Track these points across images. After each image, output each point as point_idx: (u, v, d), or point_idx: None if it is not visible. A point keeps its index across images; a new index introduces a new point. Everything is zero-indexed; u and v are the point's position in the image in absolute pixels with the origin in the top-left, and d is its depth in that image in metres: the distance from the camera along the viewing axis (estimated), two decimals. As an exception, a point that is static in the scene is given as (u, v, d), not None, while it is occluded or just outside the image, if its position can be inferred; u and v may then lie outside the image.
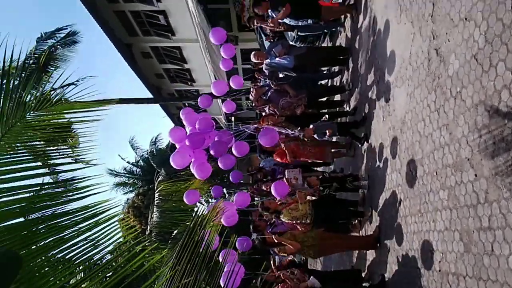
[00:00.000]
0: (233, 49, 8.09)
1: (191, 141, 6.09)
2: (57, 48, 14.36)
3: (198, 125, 6.20)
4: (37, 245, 2.13)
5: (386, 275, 5.29)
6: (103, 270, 2.18)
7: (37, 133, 3.66)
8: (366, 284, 5.92)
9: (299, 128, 6.35)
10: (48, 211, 2.34)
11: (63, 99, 3.97)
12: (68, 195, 2.55)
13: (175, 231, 10.31)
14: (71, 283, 2.23)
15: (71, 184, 2.86)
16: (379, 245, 5.61)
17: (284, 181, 6.51)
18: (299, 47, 8.41)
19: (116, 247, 2.92)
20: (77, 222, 2.30)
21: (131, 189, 24.28)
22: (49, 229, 2.22)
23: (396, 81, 5.15)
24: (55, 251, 2.17)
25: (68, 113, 3.36)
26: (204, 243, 2.65)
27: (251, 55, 7.76)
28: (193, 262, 2.30)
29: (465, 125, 3.45)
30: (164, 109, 23.28)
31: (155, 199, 10.76)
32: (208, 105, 8.23)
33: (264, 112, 7.58)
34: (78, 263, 2.17)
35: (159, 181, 12.29)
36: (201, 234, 2.63)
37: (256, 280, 7.40)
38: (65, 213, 2.34)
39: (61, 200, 2.47)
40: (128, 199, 23.80)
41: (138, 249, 3.18)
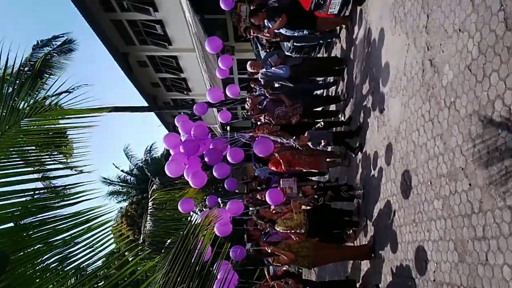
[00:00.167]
0: (231, 60, 8.13)
1: (186, 148, 6.07)
2: (53, 55, 14.33)
3: (193, 132, 6.19)
4: (28, 251, 2.10)
5: (380, 285, 5.26)
6: (94, 277, 2.14)
7: (30, 139, 3.63)
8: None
9: (294, 137, 6.35)
10: (40, 217, 2.31)
11: (57, 106, 3.95)
12: (60, 201, 2.52)
13: (169, 240, 10.22)
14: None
15: (63, 190, 2.83)
16: (373, 255, 5.59)
17: (278, 189, 6.49)
18: (295, 57, 8.49)
19: (108, 254, 2.88)
20: (69, 227, 2.27)
21: (125, 198, 24.07)
22: (40, 234, 2.19)
23: (390, 91, 5.19)
24: (46, 256, 2.14)
25: (62, 119, 3.34)
26: (197, 251, 2.63)
27: (247, 65, 7.79)
28: (186, 269, 2.28)
29: (459, 134, 3.47)
30: (159, 117, 23.25)
31: (149, 208, 10.69)
32: (203, 113, 8.22)
33: (259, 121, 7.59)
34: (69, 269, 2.14)
35: (153, 189, 12.22)
36: (194, 242, 2.61)
37: None
38: (57, 218, 2.31)
39: (54, 205, 2.44)
40: (121, 208, 23.60)
41: (129, 256, 3.15)
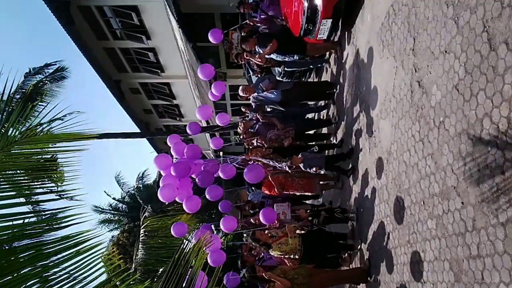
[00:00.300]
0: (224, 86, 8.22)
1: (177, 169, 6.02)
2: (45, 83, 14.37)
3: (186, 152, 6.17)
4: (15, 275, 2.03)
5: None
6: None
7: (21, 165, 3.59)
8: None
9: (287, 158, 6.37)
10: (28, 241, 2.26)
11: (49, 132, 3.93)
12: (49, 225, 2.47)
13: (161, 269, 9.99)
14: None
15: (53, 214, 2.78)
16: (370, 278, 5.51)
17: (271, 208, 6.44)
18: (286, 82, 8.60)
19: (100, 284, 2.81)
20: (57, 251, 2.21)
21: (117, 226, 23.66)
22: (28, 258, 2.13)
23: (380, 113, 5.25)
24: (34, 281, 2.07)
25: (52, 141, 3.32)
26: (188, 276, 2.58)
27: (239, 90, 7.88)
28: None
29: (449, 153, 3.50)
30: (151, 144, 23.21)
31: (141, 235, 10.50)
32: (196, 132, 8.21)
33: (251, 145, 7.61)
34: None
35: (145, 216, 12.05)
36: (185, 266, 2.56)
37: None
38: (45, 242, 2.26)
39: (42, 229, 2.39)
40: (113, 236, 23.16)
41: (122, 287, 3.07)
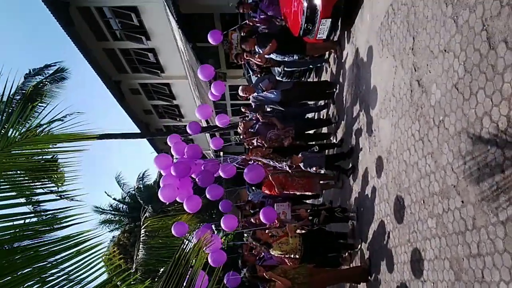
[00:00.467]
0: (223, 86, 8.21)
1: (177, 169, 6.01)
2: (45, 84, 14.38)
3: (186, 152, 6.17)
4: (16, 275, 2.03)
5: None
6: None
7: (21, 165, 3.59)
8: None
9: (287, 157, 6.37)
10: (28, 241, 2.26)
11: (49, 133, 3.93)
12: (49, 225, 2.47)
13: (162, 269, 9.99)
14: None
15: (53, 214, 2.78)
16: (370, 277, 5.51)
17: (272, 208, 6.45)
18: (286, 82, 8.60)
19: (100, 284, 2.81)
20: (58, 251, 2.22)
21: (117, 226, 23.67)
22: (28, 258, 2.13)
23: (380, 112, 5.25)
24: (34, 281, 2.07)
25: (52, 142, 3.32)
26: (188, 275, 2.58)
27: (239, 90, 7.89)
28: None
29: (449, 152, 3.50)
30: (151, 144, 23.21)
31: (141, 236, 10.50)
32: (196, 132, 8.21)
33: (251, 145, 7.61)
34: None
35: (145, 217, 12.05)
36: (186, 265, 2.56)
37: None
38: (46, 242, 2.26)
39: (42, 229, 2.39)
40: (113, 236, 23.18)
41: (123, 286, 3.07)
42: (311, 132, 8.71)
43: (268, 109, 7.85)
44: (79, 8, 14.22)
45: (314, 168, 6.40)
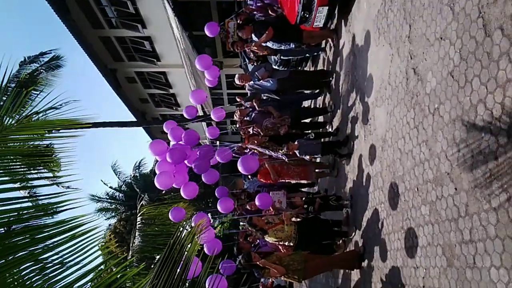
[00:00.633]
0: (217, 71, 8.16)
1: (172, 155, 5.97)
2: (40, 72, 14.27)
3: (183, 137, 6.15)
4: (9, 258, 2.04)
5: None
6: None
7: (16, 151, 3.58)
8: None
9: (283, 144, 6.38)
10: (22, 225, 2.26)
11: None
12: (44, 210, 2.48)
13: (158, 256, 10.04)
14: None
15: (48, 200, 2.79)
16: (363, 264, 5.57)
17: (267, 193, 6.49)
18: (282, 70, 8.57)
19: (97, 274, 2.82)
20: (52, 235, 2.22)
21: (114, 214, 23.74)
22: (23, 242, 2.14)
23: (376, 101, 5.26)
24: (28, 264, 2.08)
25: (47, 128, 3.30)
26: (183, 261, 2.60)
27: (235, 78, 7.85)
28: (172, 277, 2.24)
29: (443, 140, 3.52)
30: (148, 133, 23.16)
31: (138, 223, 10.53)
32: (193, 115, 8.15)
33: (248, 133, 7.60)
34: (52, 276, 2.08)
35: (141, 204, 12.07)
36: (180, 252, 2.58)
37: None
38: (40, 226, 2.27)
39: (37, 214, 2.39)
40: (110, 224, 23.26)
41: (117, 271, 3.09)
42: (307, 121, 8.72)
43: (264, 97, 7.83)
44: (74, -5, 14.07)
45: (309, 155, 6.41)
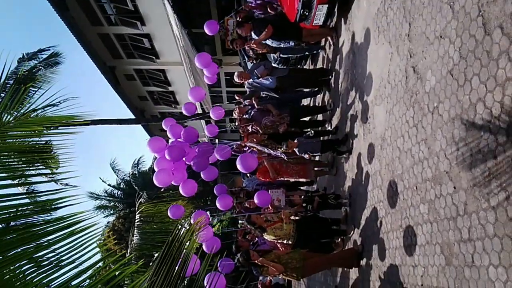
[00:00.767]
0: (216, 67, 8.11)
1: (171, 153, 5.93)
2: (39, 69, 14.22)
3: (182, 134, 6.12)
4: (8, 255, 2.03)
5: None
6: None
7: (15, 148, 3.58)
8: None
9: (283, 142, 6.37)
10: (21, 221, 2.26)
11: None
12: (43, 207, 2.47)
13: (156, 254, 10.04)
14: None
15: (47, 196, 2.78)
16: (362, 262, 5.58)
17: (266, 191, 6.48)
18: (282, 68, 8.56)
19: (95, 271, 2.81)
20: (51, 232, 2.22)
21: (112, 212, 23.73)
22: (20, 238, 2.14)
23: (375, 99, 5.26)
24: (26, 261, 2.07)
25: (46, 124, 3.30)
26: (181, 257, 2.60)
27: (234, 75, 7.84)
28: (171, 274, 2.24)
29: (443, 139, 3.52)
30: (146, 130, 23.14)
31: (136, 221, 10.53)
32: (192, 112, 8.09)
33: (247, 131, 7.60)
34: (51, 273, 2.08)
35: (140, 202, 12.07)
36: (179, 249, 2.58)
37: None
38: (39, 223, 2.26)
39: (36, 211, 2.39)
40: (108, 222, 23.26)
41: (115, 267, 3.08)
42: (306, 119, 8.71)
43: (263, 95, 7.82)
44: (73, -9, 14.03)
45: (308, 153, 6.41)
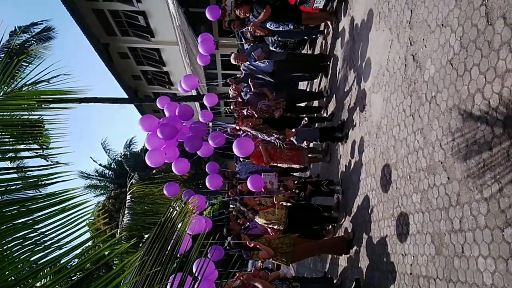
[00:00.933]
0: (213, 45, 7.85)
1: (163, 131, 5.82)
2: (31, 43, 13.94)
3: (178, 112, 6.03)
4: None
5: (359, 279, 5.29)
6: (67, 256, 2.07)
7: (5, 122, 3.50)
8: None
9: (279, 132, 6.33)
10: (11, 196, 2.22)
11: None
12: (34, 182, 2.43)
13: (146, 235, 10.05)
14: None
15: (38, 172, 2.73)
16: (352, 250, 5.63)
17: (259, 176, 6.48)
18: (279, 52, 8.45)
19: (84, 250, 2.79)
20: (42, 207, 2.18)
21: (103, 192, 23.70)
22: (11, 214, 2.10)
23: (373, 87, 5.23)
24: (16, 236, 2.04)
25: (37, 97, 3.22)
26: (173, 239, 2.58)
27: (231, 57, 7.72)
28: (163, 253, 2.23)
29: (439, 129, 3.51)
30: (139, 110, 22.94)
31: (127, 201, 10.50)
32: (192, 87, 7.82)
33: (242, 115, 7.54)
34: (41, 249, 2.05)
35: (131, 183, 12.02)
36: (171, 229, 2.56)
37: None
38: (29, 198, 2.22)
39: (27, 186, 2.34)
40: (98, 202, 23.24)
41: (105, 247, 3.06)
42: (302, 105, 8.66)
43: (258, 76, 7.69)
44: (68, -35, 13.66)
45: (305, 142, 6.39)
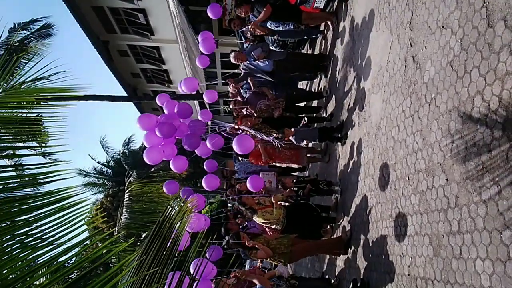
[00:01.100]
0: (213, 44, 7.82)
1: (162, 130, 5.80)
2: (31, 40, 13.91)
3: (176, 110, 6.01)
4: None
5: (357, 280, 5.29)
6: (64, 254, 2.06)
7: (4, 119, 3.49)
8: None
9: (278, 131, 6.33)
10: (9, 194, 2.21)
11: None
12: (31, 181, 2.42)
13: (144, 233, 10.04)
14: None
15: (36, 170, 2.72)
16: (349, 250, 5.63)
17: (258, 176, 6.48)
18: (279, 52, 8.44)
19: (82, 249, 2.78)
20: (40, 206, 2.17)
21: (101, 189, 23.65)
22: (8, 212, 2.09)
23: (373, 87, 5.22)
24: (14, 234, 2.03)
25: (37, 95, 3.21)
26: (172, 236, 2.58)
27: (231, 56, 7.70)
28: (162, 252, 2.22)
29: (438, 130, 3.51)
30: (139, 109, 22.91)
31: (125, 200, 10.48)
32: (193, 89, 7.79)
33: (241, 114, 7.52)
34: (39, 247, 2.04)
35: (130, 181, 12.00)
36: (170, 228, 2.55)
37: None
38: (27, 196, 2.21)
39: (24, 184, 2.34)
40: (96, 200, 23.19)
41: (103, 246, 3.06)
42: (301, 104, 8.65)
43: (257, 76, 7.67)
44: (68, -39, 13.62)
45: (305, 141, 6.40)
